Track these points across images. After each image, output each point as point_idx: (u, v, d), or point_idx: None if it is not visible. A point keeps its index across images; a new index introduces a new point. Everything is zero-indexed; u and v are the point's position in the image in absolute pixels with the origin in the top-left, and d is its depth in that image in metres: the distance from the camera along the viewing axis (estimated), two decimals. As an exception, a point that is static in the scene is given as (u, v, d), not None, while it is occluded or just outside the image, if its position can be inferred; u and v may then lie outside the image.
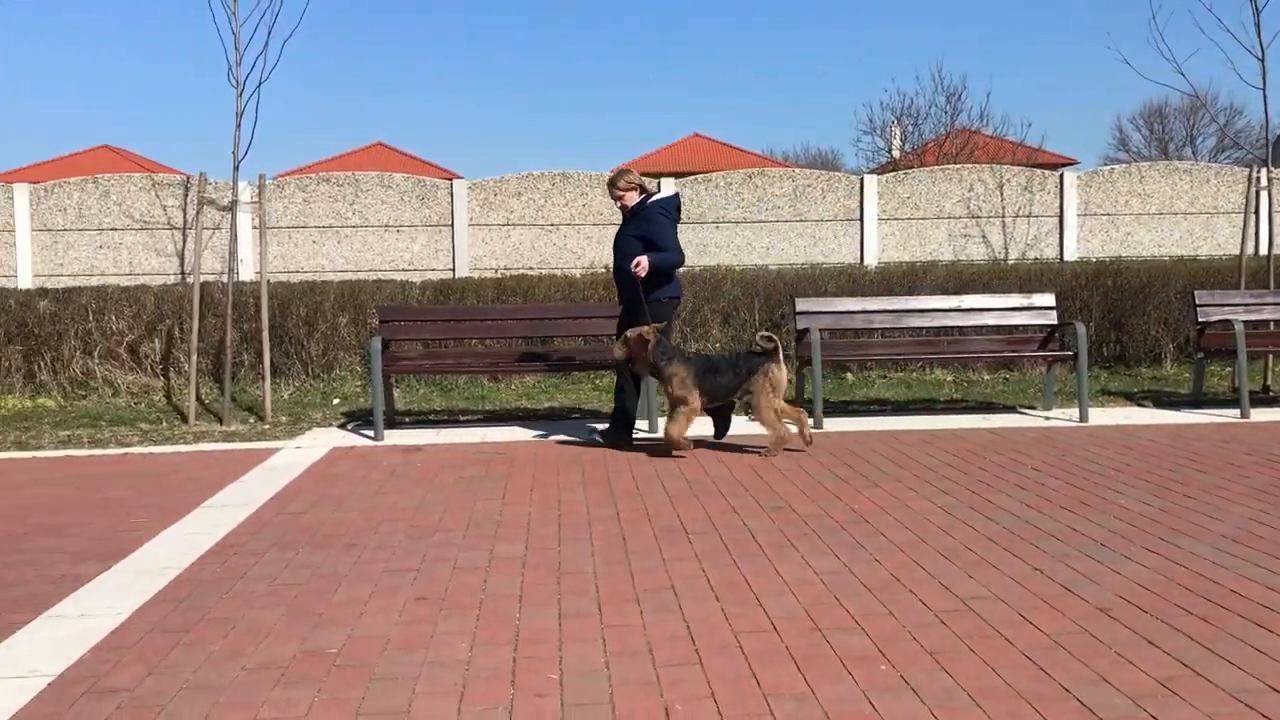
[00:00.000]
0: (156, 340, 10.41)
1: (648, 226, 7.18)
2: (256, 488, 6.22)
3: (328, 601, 4.04)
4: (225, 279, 10.83)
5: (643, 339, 6.87)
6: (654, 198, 7.34)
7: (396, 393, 9.92)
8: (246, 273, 11.52)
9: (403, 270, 11.91)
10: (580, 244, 12.56)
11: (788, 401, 7.04)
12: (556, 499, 5.73)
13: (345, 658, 3.45)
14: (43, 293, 10.54)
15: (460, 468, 6.72)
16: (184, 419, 9.13)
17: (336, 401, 9.97)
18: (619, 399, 7.53)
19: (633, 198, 7.34)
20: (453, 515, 5.41)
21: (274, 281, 10.72)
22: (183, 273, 11.48)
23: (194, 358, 9.23)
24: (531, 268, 12.28)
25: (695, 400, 6.82)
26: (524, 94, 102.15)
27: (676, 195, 7.44)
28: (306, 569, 4.50)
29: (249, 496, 5.98)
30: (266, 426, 8.68)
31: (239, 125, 9.00)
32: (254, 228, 11.56)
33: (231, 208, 9.61)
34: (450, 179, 12.29)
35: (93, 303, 10.39)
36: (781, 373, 6.87)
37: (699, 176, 12.98)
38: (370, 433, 8.20)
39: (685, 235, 12.59)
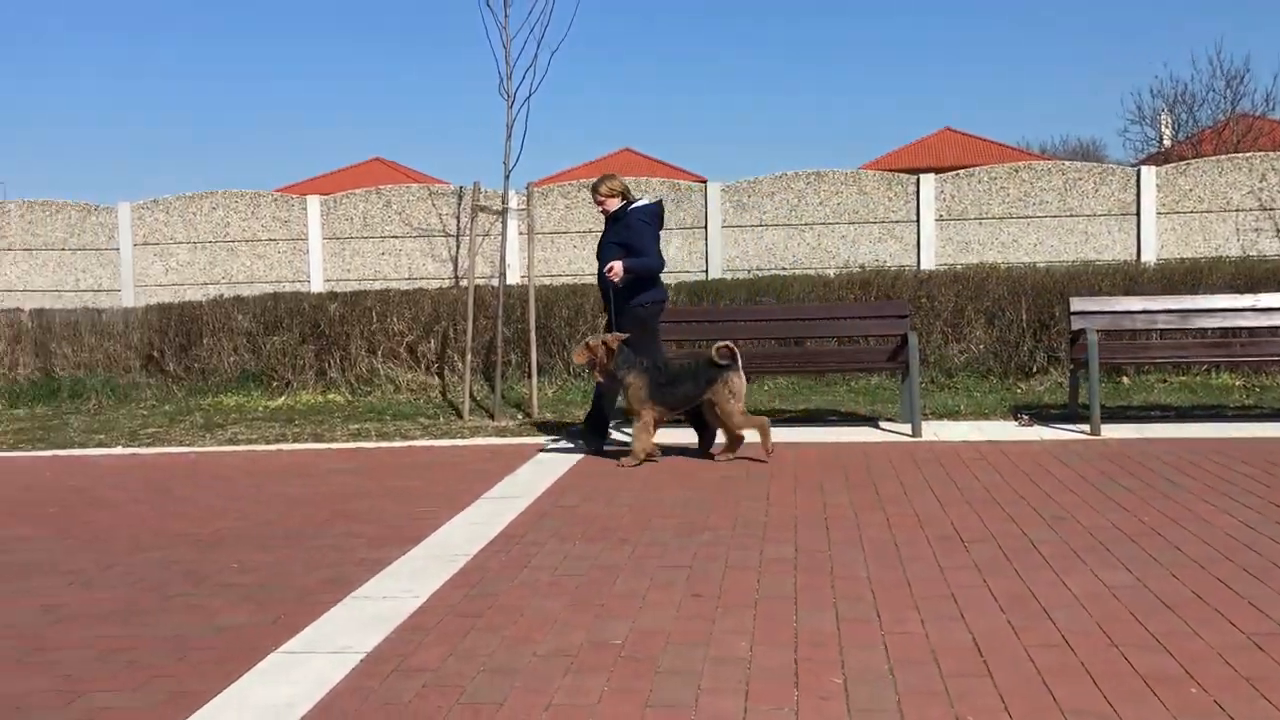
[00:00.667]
0: (433, 340, 11.04)
1: (627, 233, 7.18)
2: (530, 481, 6.49)
3: (608, 593, 4.16)
4: (495, 282, 11.37)
5: (605, 346, 6.86)
6: (635, 204, 7.31)
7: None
8: (513, 277, 12.05)
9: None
10: (834, 243, 12.43)
11: (754, 412, 7.15)
12: (821, 502, 5.69)
13: (630, 649, 3.54)
14: (332, 296, 11.37)
15: (720, 467, 6.78)
16: (459, 414, 9.63)
17: (597, 400, 10.27)
18: (596, 401, 7.51)
19: (614, 204, 7.36)
20: (718, 514, 5.46)
21: (539, 284, 11.16)
22: (456, 277, 12.12)
23: (468, 357, 9.73)
24: (785, 268, 12.25)
25: (649, 412, 6.85)
26: (770, 94, 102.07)
27: (659, 202, 7.43)
28: (585, 560, 4.65)
29: (524, 489, 6.24)
30: (534, 423, 9.04)
31: (509, 136, 9.43)
32: (520, 233, 12.08)
33: (503, 215, 10.06)
34: (697, 181, 12.42)
35: (376, 305, 11.13)
36: (741, 381, 6.84)
37: (960, 171, 12.57)
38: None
39: (946, 232, 12.24)
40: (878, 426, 8.25)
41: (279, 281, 12.27)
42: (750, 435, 7.04)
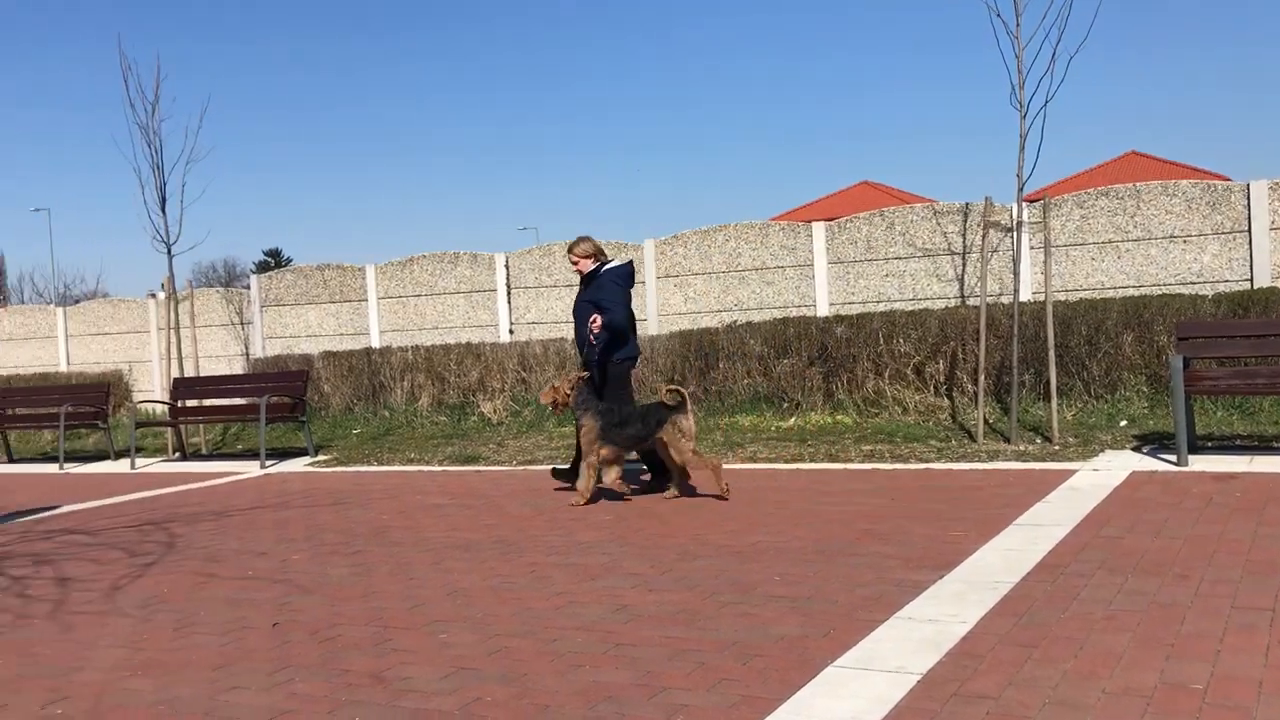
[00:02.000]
0: (940, 361, 10.88)
1: (599, 293, 7.61)
2: (1063, 508, 6.16)
3: (1175, 633, 3.82)
4: (1004, 300, 10.98)
5: (568, 384, 7.30)
6: (608, 265, 7.75)
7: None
8: (1024, 293, 11.58)
9: (1189, 283, 11.08)
10: None
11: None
12: None
13: (1214, 696, 3.22)
14: (838, 319, 11.58)
15: (1291, 499, 6.01)
16: (971, 437, 9.39)
17: (1124, 423, 9.55)
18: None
19: (588, 265, 7.83)
20: (1297, 552, 4.83)
21: (1054, 301, 10.62)
22: (962, 296, 11.87)
23: (981, 378, 9.47)
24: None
25: (599, 453, 7.20)
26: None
27: (630, 263, 7.81)
28: (1140, 596, 4.31)
29: (1058, 516, 5.93)
30: (1055, 447, 8.58)
31: (1023, 147, 9.08)
32: (1031, 248, 11.58)
33: (1016, 229, 9.70)
34: (1229, 181, 11.16)
35: (882, 327, 11.18)
36: (690, 422, 7.14)
37: None
38: (1170, 457, 7.71)
39: None
40: None
41: (786, 306, 12.72)
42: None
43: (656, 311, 13.48)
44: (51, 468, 12.48)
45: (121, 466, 11.95)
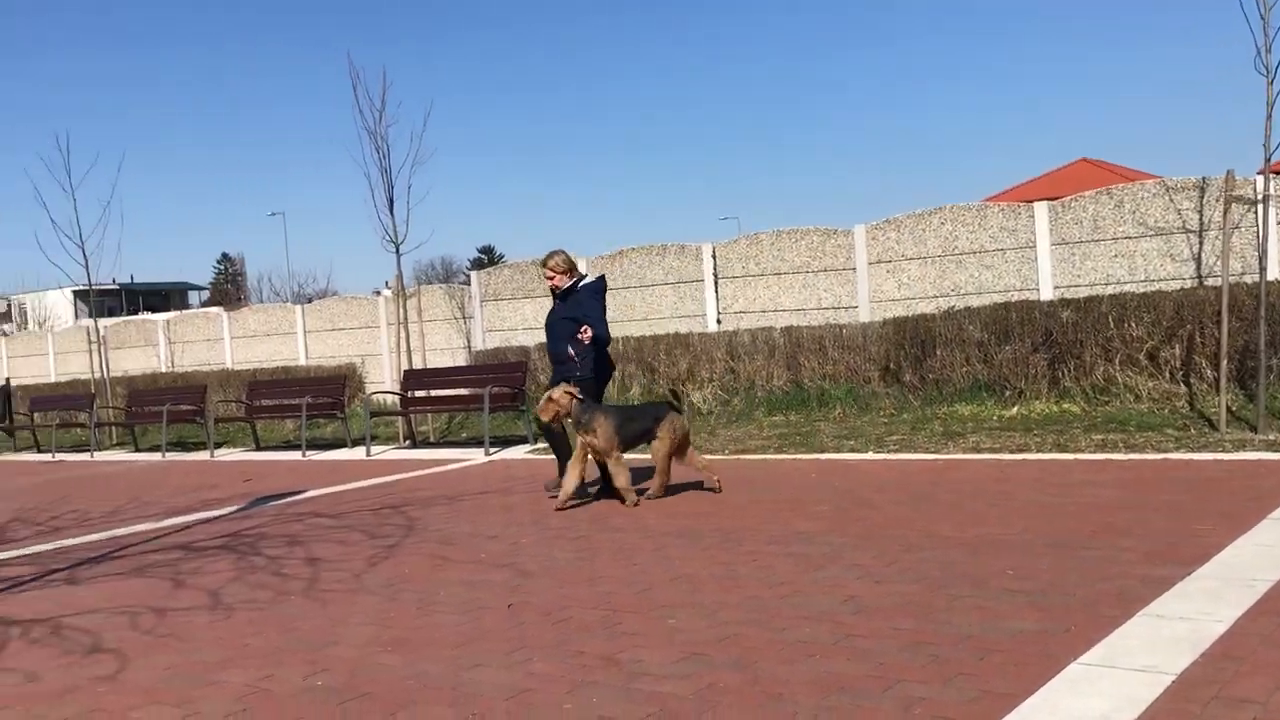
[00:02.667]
0: (1176, 346, 10.26)
1: (579, 308, 7.67)
2: (1325, 503, 5.71)
3: None
4: (1248, 279, 10.25)
5: (570, 397, 7.32)
6: (583, 281, 7.82)
7: None
8: (1271, 271, 10.77)
9: None
10: None
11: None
12: None
13: None
14: (1064, 303, 11.09)
15: None
16: (1212, 426, 8.83)
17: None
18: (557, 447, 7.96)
19: (564, 280, 7.81)
20: None
21: (1305, 279, 9.86)
22: (1199, 276, 11.15)
23: (1224, 363, 8.89)
24: None
25: (616, 455, 7.34)
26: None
27: (601, 277, 7.93)
28: None
29: (1320, 511, 5.51)
30: (1311, 437, 7.97)
31: (1270, 115, 8.45)
32: (1278, 223, 10.77)
33: (1261, 203, 9.05)
34: None
35: (1112, 311, 10.63)
36: (684, 421, 7.58)
37: None
38: None
39: None
40: None
41: (1006, 291, 12.26)
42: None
43: (868, 298, 13.25)
44: (295, 455, 13.35)
45: (357, 454, 12.67)
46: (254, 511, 8.51)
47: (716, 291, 14.56)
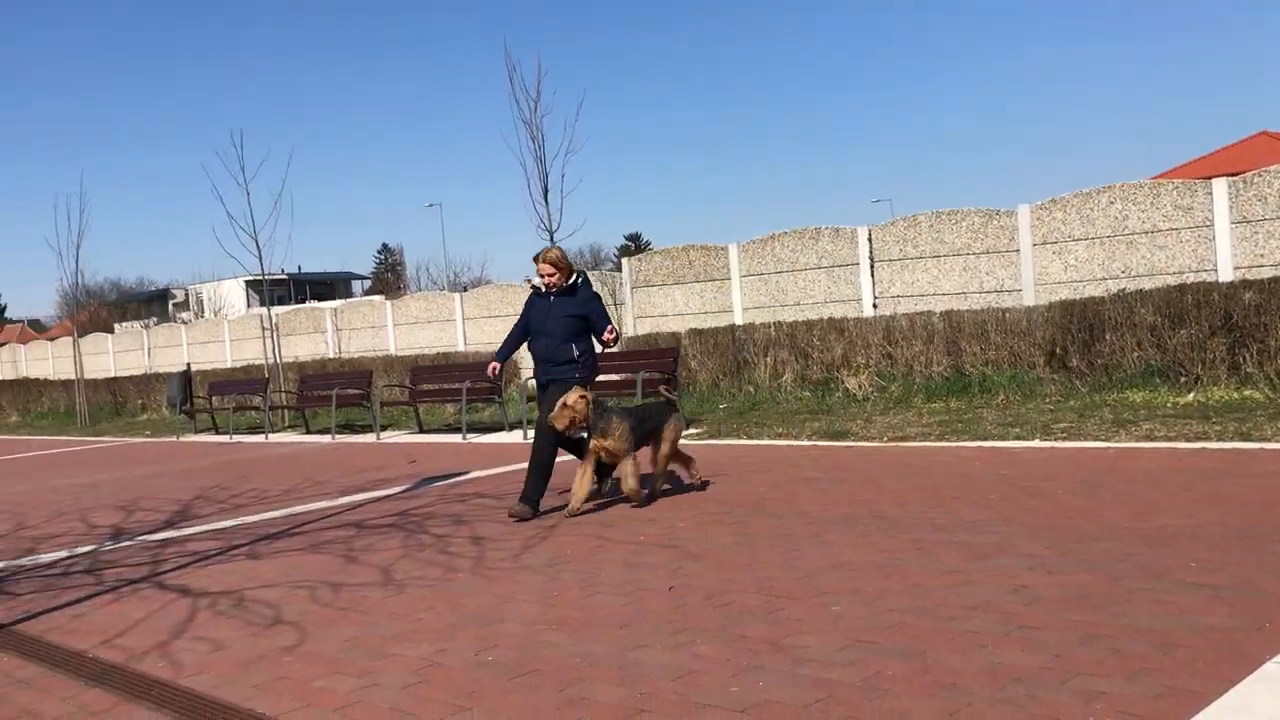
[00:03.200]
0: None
1: (586, 306, 7.31)
2: None
3: None
4: None
5: (586, 403, 6.96)
6: (580, 280, 7.42)
7: None
8: None
9: None
10: None
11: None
12: None
13: None
14: (1246, 284, 10.50)
15: None
16: None
17: None
18: (545, 455, 7.25)
19: (560, 279, 7.32)
20: None
21: None
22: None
23: None
24: None
25: (633, 457, 7.11)
26: None
27: (586, 274, 7.55)
28: None
29: None
30: None
31: None
32: None
33: None
34: None
35: (1299, 292, 10.01)
36: (681, 421, 7.63)
37: None
38: None
39: None
40: None
41: (1180, 272, 11.69)
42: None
43: (1033, 281, 12.82)
44: (456, 438, 13.73)
45: (515, 437, 12.94)
46: (420, 491, 8.78)
47: (872, 275, 14.32)
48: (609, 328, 7.21)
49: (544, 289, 7.33)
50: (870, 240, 14.31)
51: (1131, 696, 3.18)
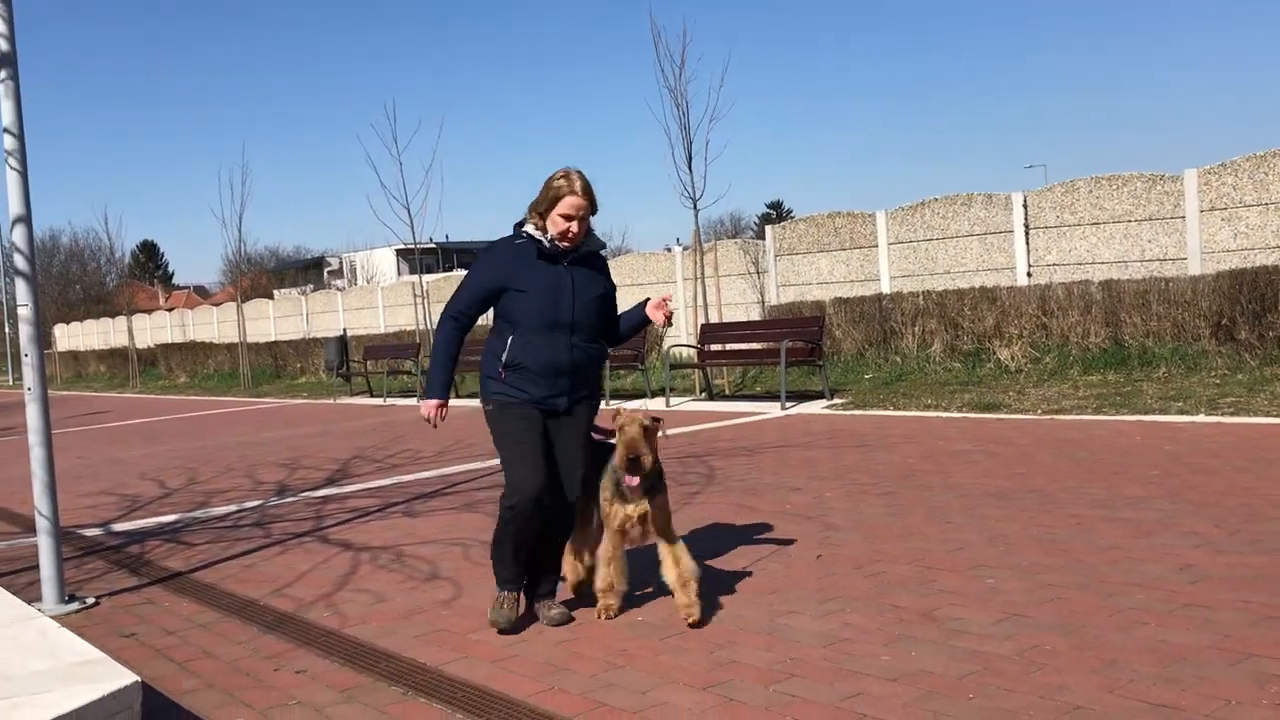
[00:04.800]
0: None
1: (607, 284, 4.36)
2: None
3: None
4: None
5: (657, 423, 4.14)
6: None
7: None
8: None
9: None
10: None
11: None
12: None
13: None
14: None
15: None
16: None
17: None
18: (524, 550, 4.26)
19: (583, 231, 4.23)
20: None
21: None
22: None
23: None
24: None
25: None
26: None
27: None
28: None
29: None
30: None
31: None
32: None
33: None
34: None
35: None
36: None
37: None
38: None
39: None
40: None
41: (1365, 239, 10.98)
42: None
43: (1199, 249, 12.22)
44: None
45: (657, 404, 13.04)
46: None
47: (1027, 243, 13.87)
48: (657, 305, 4.34)
49: (550, 243, 4.17)
50: (1025, 207, 13.85)
51: (1311, 682, 3.04)
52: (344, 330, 23.14)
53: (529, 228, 4.22)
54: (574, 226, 4.12)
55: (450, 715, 3.31)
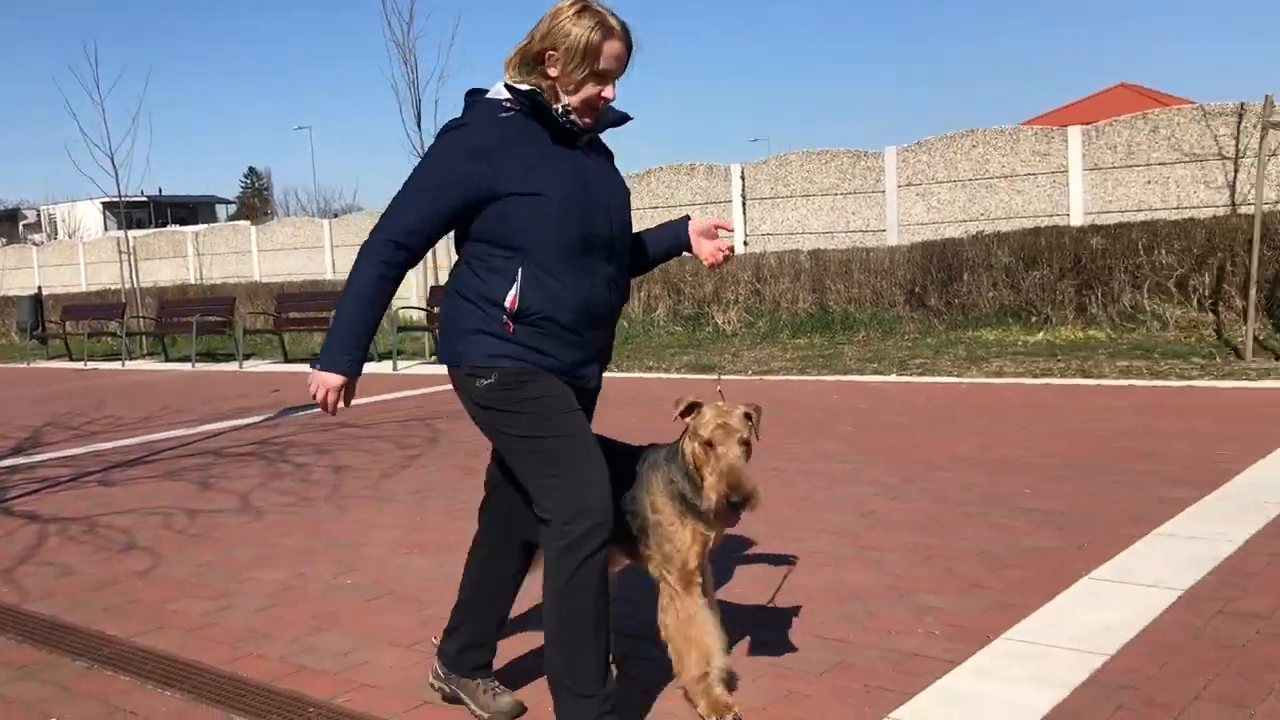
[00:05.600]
0: (1205, 274, 10.18)
1: (620, 178, 2.86)
2: (1347, 431, 5.72)
3: None
4: (1283, 208, 10.13)
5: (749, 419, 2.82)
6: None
7: None
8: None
9: None
10: None
11: None
12: None
13: None
14: (1094, 229, 10.99)
15: None
16: (1238, 355, 8.80)
17: None
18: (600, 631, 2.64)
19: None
20: None
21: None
22: (1233, 204, 11.02)
23: (1252, 292, 8.83)
24: None
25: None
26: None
27: None
28: None
29: (1341, 440, 5.52)
30: (1338, 367, 7.94)
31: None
32: (1316, 151, 10.60)
33: (1300, 130, 8.92)
34: None
35: (1142, 238, 10.54)
36: None
37: None
38: None
39: None
40: None
41: (1036, 216, 12.16)
42: None
43: (897, 221, 13.17)
44: (322, 368, 13.48)
45: (384, 367, 12.80)
46: (282, 421, 8.65)
47: (744, 213, 14.50)
48: (717, 233, 2.97)
49: (565, 117, 2.64)
50: (743, 178, 14.47)
51: (959, 611, 3.39)
52: (39, 288, 21.34)
53: (499, 89, 2.66)
54: (609, 91, 2.65)
55: (140, 686, 3.18)
